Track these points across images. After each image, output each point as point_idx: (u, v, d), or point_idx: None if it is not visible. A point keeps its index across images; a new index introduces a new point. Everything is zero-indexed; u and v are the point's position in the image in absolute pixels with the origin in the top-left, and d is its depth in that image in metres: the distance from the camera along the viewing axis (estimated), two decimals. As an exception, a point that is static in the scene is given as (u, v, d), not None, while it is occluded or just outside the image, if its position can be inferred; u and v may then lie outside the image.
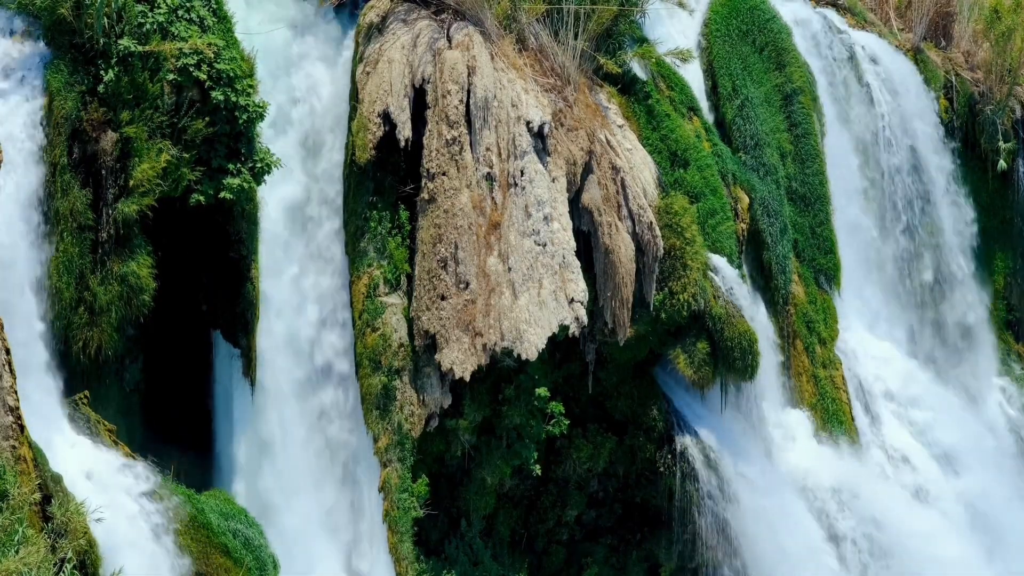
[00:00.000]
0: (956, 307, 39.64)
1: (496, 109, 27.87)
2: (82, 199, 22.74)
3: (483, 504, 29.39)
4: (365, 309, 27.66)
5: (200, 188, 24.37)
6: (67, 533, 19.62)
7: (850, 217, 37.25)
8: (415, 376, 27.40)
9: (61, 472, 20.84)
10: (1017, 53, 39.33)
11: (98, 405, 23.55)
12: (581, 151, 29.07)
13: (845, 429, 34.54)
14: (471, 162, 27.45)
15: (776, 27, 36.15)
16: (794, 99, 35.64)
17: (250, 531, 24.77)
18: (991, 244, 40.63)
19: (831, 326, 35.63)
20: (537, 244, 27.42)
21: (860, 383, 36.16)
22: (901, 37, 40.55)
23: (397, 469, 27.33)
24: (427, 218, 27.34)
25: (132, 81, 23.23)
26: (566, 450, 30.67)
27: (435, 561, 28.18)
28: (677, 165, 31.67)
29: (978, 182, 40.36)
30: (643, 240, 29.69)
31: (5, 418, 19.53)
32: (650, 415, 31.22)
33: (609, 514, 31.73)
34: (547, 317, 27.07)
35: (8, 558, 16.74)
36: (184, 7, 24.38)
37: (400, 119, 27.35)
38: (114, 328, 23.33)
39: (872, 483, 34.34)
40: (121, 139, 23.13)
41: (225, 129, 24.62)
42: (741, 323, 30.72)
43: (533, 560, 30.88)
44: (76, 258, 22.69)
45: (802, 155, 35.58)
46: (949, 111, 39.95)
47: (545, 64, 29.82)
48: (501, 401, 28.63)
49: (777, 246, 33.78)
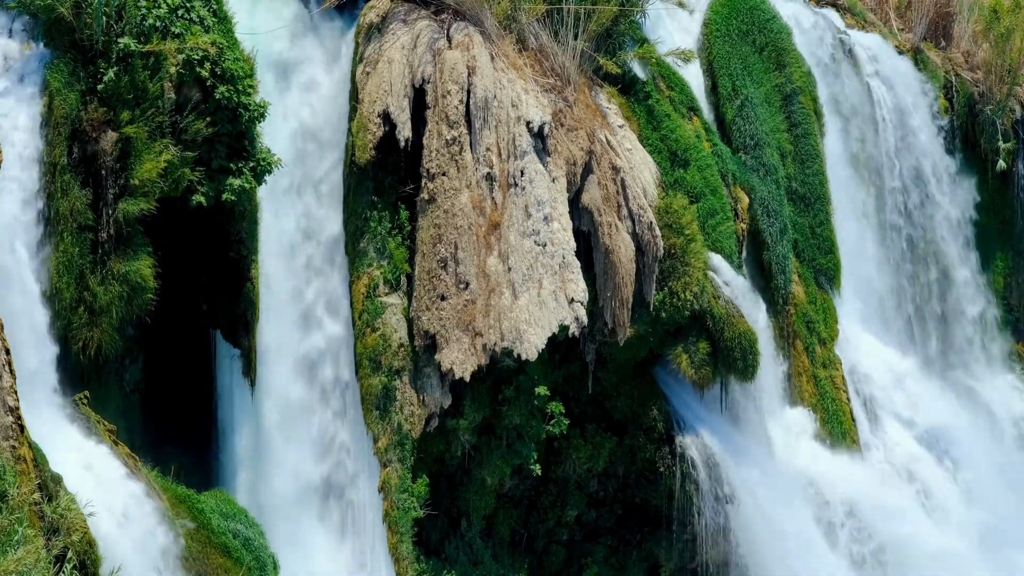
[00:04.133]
0: (956, 307, 39.66)
1: (496, 109, 27.86)
2: (82, 199, 22.73)
3: (483, 504, 29.38)
4: (365, 309, 27.65)
5: (201, 189, 24.37)
6: (61, 531, 19.59)
7: (848, 216, 37.25)
8: (415, 376, 27.40)
9: (61, 472, 20.82)
10: (1017, 53, 39.35)
11: (98, 405, 23.53)
12: (581, 151, 29.06)
13: (845, 429, 34.54)
14: (471, 162, 27.45)
15: (776, 27, 36.15)
16: (794, 99, 35.66)
17: (250, 531, 24.78)
18: (991, 244, 40.64)
19: (831, 326, 35.63)
20: (537, 244, 27.41)
21: (860, 383, 36.17)
22: (901, 37, 40.56)
23: (397, 469, 27.32)
24: (427, 218, 27.33)
25: (132, 81, 23.22)
26: (566, 450, 30.66)
27: (435, 561, 28.18)
28: (677, 165, 31.67)
29: (978, 182, 40.39)
30: (643, 240, 29.68)
31: (5, 418, 19.51)
32: (650, 415, 31.21)
33: (609, 514, 31.73)
34: (547, 317, 27.07)
35: (8, 558, 16.72)
36: (184, 7, 24.38)
37: (400, 119, 27.34)
38: (114, 328, 23.32)
39: (872, 482, 34.34)
40: (121, 139, 23.12)
41: (226, 129, 24.62)
42: (741, 323, 30.72)
43: (533, 560, 30.87)
44: (76, 258, 22.67)
45: (802, 155, 35.58)
46: (949, 111, 39.96)
47: (545, 64, 29.81)
48: (501, 401, 28.63)
49: (777, 246, 33.77)
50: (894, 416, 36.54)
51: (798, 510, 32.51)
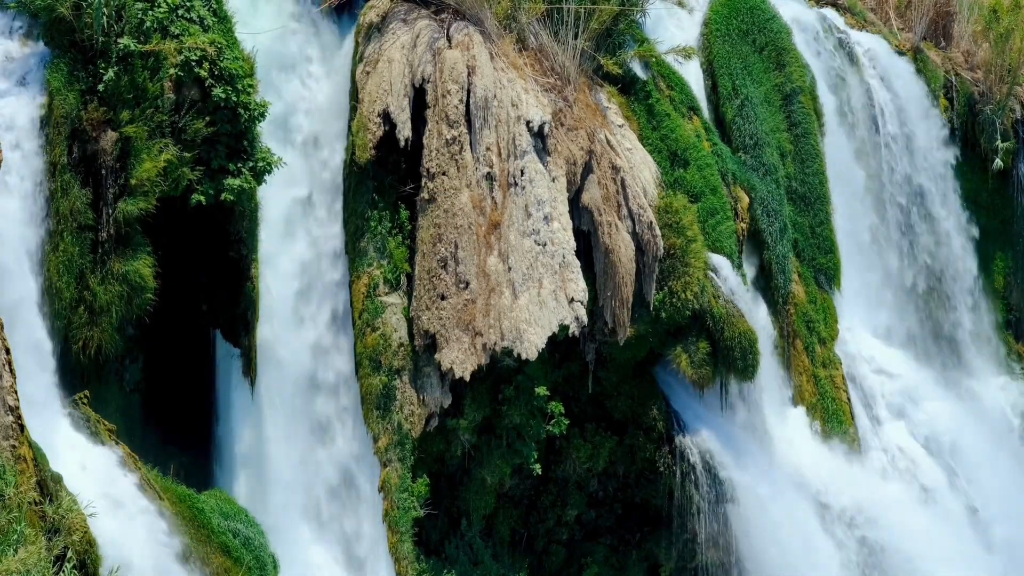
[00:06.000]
0: (956, 307, 39.64)
1: (496, 109, 27.86)
2: (82, 199, 22.74)
3: (483, 504, 29.37)
4: (365, 309, 27.65)
5: (201, 188, 24.35)
6: (62, 530, 19.59)
7: (849, 216, 37.24)
8: (415, 376, 27.39)
9: (61, 471, 20.82)
10: (1016, 53, 39.36)
11: (98, 405, 23.53)
12: (581, 151, 29.06)
13: (845, 428, 34.53)
14: (471, 162, 27.44)
15: (776, 27, 36.15)
16: (794, 99, 35.65)
17: (250, 531, 24.77)
18: (991, 244, 40.63)
19: (831, 326, 35.63)
20: (537, 244, 27.41)
21: (860, 383, 36.16)
22: (901, 37, 40.55)
23: (397, 469, 27.31)
24: (427, 218, 27.33)
25: (132, 80, 23.22)
26: (566, 450, 30.66)
27: (435, 561, 28.17)
28: (677, 165, 31.67)
29: (978, 182, 40.38)
30: (643, 240, 29.68)
31: (5, 418, 19.50)
32: (650, 415, 31.20)
33: (609, 514, 31.72)
34: (547, 317, 27.06)
35: (7, 558, 16.72)
36: (184, 6, 24.38)
37: (400, 119, 27.34)
38: (114, 328, 23.32)
39: (872, 482, 34.34)
40: (121, 139, 23.12)
41: (226, 128, 24.61)
42: (741, 323, 30.72)
43: (533, 560, 30.86)
44: (76, 258, 22.67)
45: (802, 155, 35.58)
46: (949, 111, 39.96)
47: (545, 64, 29.81)
48: (501, 401, 28.62)
49: (777, 246, 33.77)
50: (894, 416, 36.54)
51: (798, 510, 32.50)
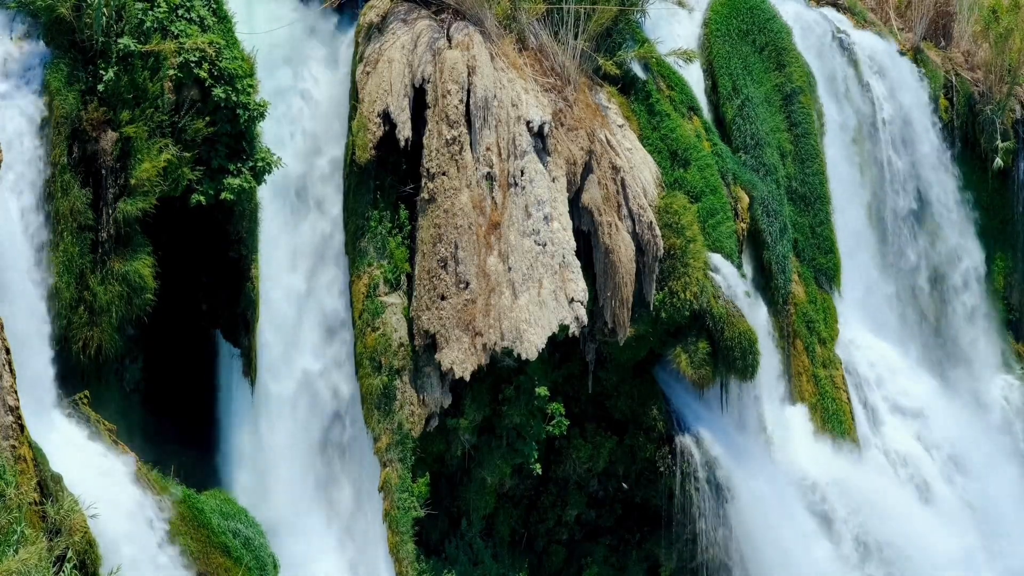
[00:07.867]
0: (956, 307, 39.65)
1: (496, 109, 27.86)
2: (82, 199, 22.74)
3: (483, 504, 29.38)
4: (365, 309, 27.65)
5: (201, 188, 24.35)
6: (63, 531, 19.59)
7: (849, 216, 37.25)
8: (415, 376, 27.39)
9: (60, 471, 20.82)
10: (1016, 53, 39.36)
11: (98, 405, 23.53)
12: (581, 151, 29.05)
13: (845, 429, 34.53)
14: (471, 162, 27.44)
15: (776, 27, 36.14)
16: (794, 99, 35.64)
17: (250, 531, 24.77)
18: (991, 244, 40.63)
19: (831, 326, 35.62)
20: (537, 244, 27.41)
21: (860, 383, 36.16)
22: (901, 37, 40.56)
23: (397, 469, 27.31)
24: (427, 218, 27.33)
25: (132, 80, 23.22)
26: (566, 450, 30.65)
27: (435, 561, 28.18)
28: (677, 165, 31.66)
29: (978, 182, 40.38)
30: (643, 240, 29.68)
31: (5, 418, 19.51)
32: (650, 415, 31.20)
33: (609, 514, 31.72)
34: (547, 317, 27.07)
35: (8, 558, 16.72)
36: (184, 6, 24.37)
37: (400, 119, 27.34)
38: (114, 328, 23.32)
39: (871, 481, 34.34)
40: (121, 139, 23.12)
41: (226, 128, 24.61)
42: (741, 323, 30.71)
43: (533, 560, 30.86)
44: (76, 258, 22.68)
45: (802, 155, 35.57)
46: (949, 111, 39.96)
47: (545, 64, 29.80)
48: (501, 401, 28.62)
49: (777, 246, 33.76)
50: (894, 415, 36.54)
51: (798, 509, 32.51)
